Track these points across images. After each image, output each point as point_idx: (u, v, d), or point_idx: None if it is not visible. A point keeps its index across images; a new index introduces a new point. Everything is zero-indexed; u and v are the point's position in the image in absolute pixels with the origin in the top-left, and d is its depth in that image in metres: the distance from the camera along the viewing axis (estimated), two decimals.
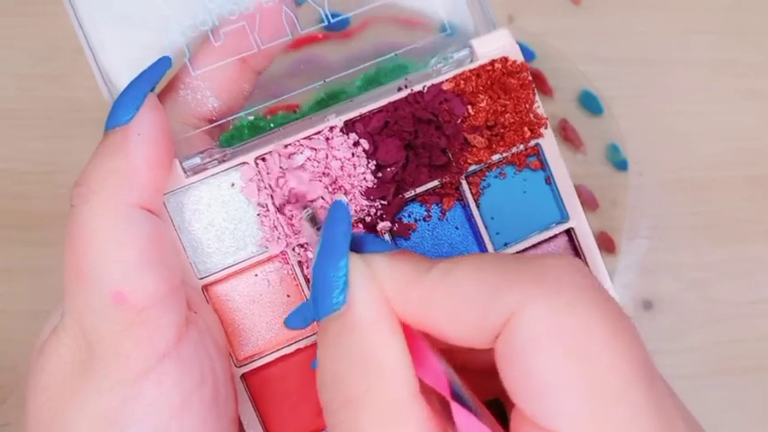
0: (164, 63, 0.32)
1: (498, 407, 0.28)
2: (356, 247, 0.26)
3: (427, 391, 0.24)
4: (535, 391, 0.22)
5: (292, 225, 0.32)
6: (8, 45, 0.50)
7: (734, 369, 0.52)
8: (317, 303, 0.25)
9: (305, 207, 0.32)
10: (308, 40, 0.37)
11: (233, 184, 0.32)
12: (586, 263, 0.35)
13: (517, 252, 0.34)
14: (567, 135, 0.51)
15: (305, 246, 0.33)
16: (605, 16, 0.53)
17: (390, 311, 0.24)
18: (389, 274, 0.24)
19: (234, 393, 0.31)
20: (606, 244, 0.52)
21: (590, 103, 0.50)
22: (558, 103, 0.52)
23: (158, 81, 0.32)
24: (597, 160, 0.52)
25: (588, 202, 0.52)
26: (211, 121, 0.34)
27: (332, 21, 0.34)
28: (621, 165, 0.50)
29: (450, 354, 0.25)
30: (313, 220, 0.30)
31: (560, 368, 0.22)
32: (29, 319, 0.48)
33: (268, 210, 0.32)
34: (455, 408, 0.23)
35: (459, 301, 0.23)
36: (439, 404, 0.24)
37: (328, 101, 0.35)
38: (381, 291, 0.24)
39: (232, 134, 0.35)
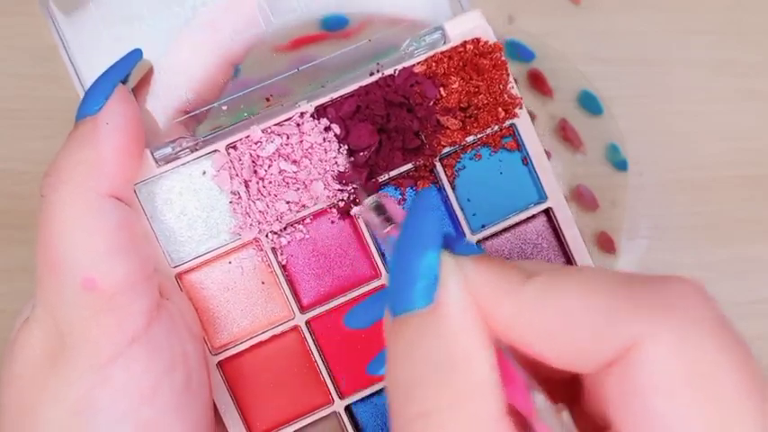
0: (134, 55, 0.32)
1: None
2: (445, 245, 0.23)
3: (510, 410, 0.22)
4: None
5: (265, 211, 0.32)
6: (8, 45, 0.51)
7: None
8: (396, 296, 0.22)
9: (368, 194, 0.29)
10: (306, 41, 0.37)
11: (204, 173, 0.32)
12: (566, 242, 0.34)
13: (493, 234, 0.34)
14: (566, 135, 0.50)
15: (278, 233, 0.33)
16: (605, 16, 0.53)
17: (482, 319, 0.22)
18: (482, 279, 0.22)
19: (208, 380, 0.31)
20: (606, 244, 0.51)
21: (590, 104, 0.50)
22: (557, 103, 0.51)
23: (129, 72, 0.32)
24: (597, 160, 0.52)
25: (588, 202, 0.51)
26: (186, 113, 0.34)
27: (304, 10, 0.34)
28: (621, 165, 0.50)
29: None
30: (379, 208, 0.27)
31: (685, 413, 0.20)
32: None
33: (240, 197, 0.32)
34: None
35: (564, 322, 0.21)
36: (521, 427, 0.22)
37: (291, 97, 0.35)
38: (473, 296, 0.22)
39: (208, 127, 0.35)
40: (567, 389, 0.25)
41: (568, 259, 0.34)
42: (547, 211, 0.34)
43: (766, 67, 0.54)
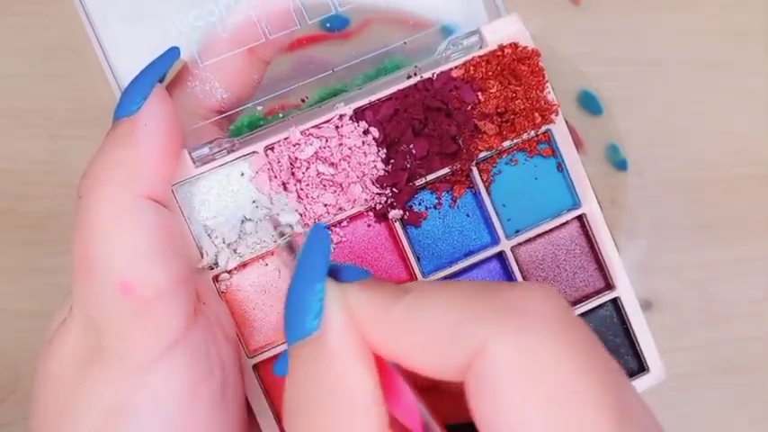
0: (172, 53, 0.32)
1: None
2: (332, 274, 0.25)
3: (398, 426, 0.23)
4: None
5: (304, 213, 0.32)
6: (8, 45, 0.50)
7: (734, 369, 0.52)
8: (289, 327, 0.24)
9: (282, 234, 0.31)
10: (307, 41, 0.36)
11: (242, 174, 0.32)
12: (599, 249, 0.34)
13: (528, 239, 0.34)
14: None
15: None
16: (605, 16, 0.53)
17: (363, 342, 0.23)
18: (361, 303, 0.24)
19: (242, 384, 0.31)
20: None
21: (590, 104, 0.50)
22: None
23: (167, 71, 0.32)
24: (597, 160, 0.52)
25: None
26: (220, 112, 0.34)
27: (339, 9, 0.34)
28: (621, 165, 0.50)
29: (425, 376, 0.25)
30: (291, 247, 0.29)
31: (526, 411, 0.21)
32: (29, 318, 0.48)
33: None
34: None
35: (427, 333, 0.23)
36: None
37: (328, 100, 0.35)
38: (354, 320, 0.24)
39: (239, 126, 0.35)
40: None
41: (600, 265, 0.35)
42: (580, 218, 0.35)
43: (766, 68, 0.55)
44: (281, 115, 0.34)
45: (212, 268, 0.32)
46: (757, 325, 0.53)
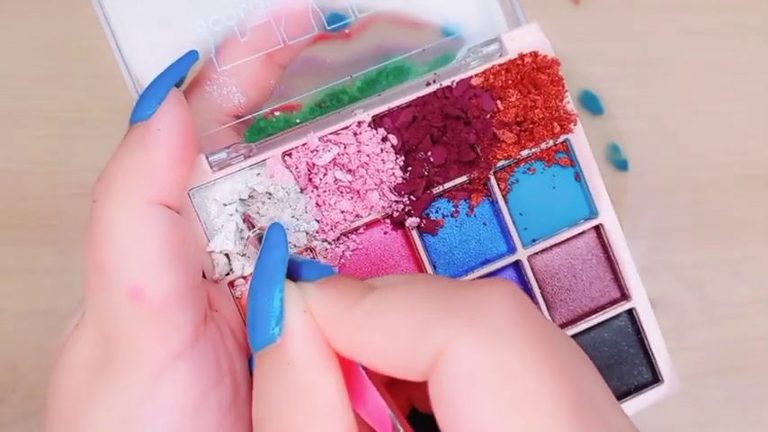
0: (190, 57, 0.31)
1: None
2: (293, 273, 0.24)
3: (366, 428, 0.23)
4: None
5: (321, 220, 0.32)
6: (8, 45, 0.50)
7: (734, 369, 0.52)
8: (252, 335, 0.24)
9: (252, 227, 0.31)
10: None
11: (258, 174, 0.32)
12: (615, 260, 0.34)
13: (544, 249, 0.34)
14: None
15: (332, 242, 0.32)
16: (605, 16, 0.53)
17: (326, 344, 0.23)
18: (322, 303, 0.23)
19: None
20: None
21: (590, 104, 0.50)
22: None
23: (184, 75, 0.31)
24: (597, 160, 0.52)
25: None
26: (237, 117, 0.33)
27: (358, 15, 0.34)
28: (621, 165, 0.50)
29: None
30: (261, 239, 0.28)
31: (485, 414, 0.20)
32: (29, 318, 0.48)
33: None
34: None
35: (388, 334, 0.22)
36: None
37: (328, 102, 0.35)
38: (316, 322, 0.23)
39: (254, 131, 0.35)
40: None
41: (616, 276, 0.35)
42: (597, 228, 0.34)
43: (766, 68, 0.55)
44: (297, 120, 0.34)
45: (228, 274, 0.32)
46: (757, 325, 0.53)
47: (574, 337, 0.34)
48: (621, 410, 0.23)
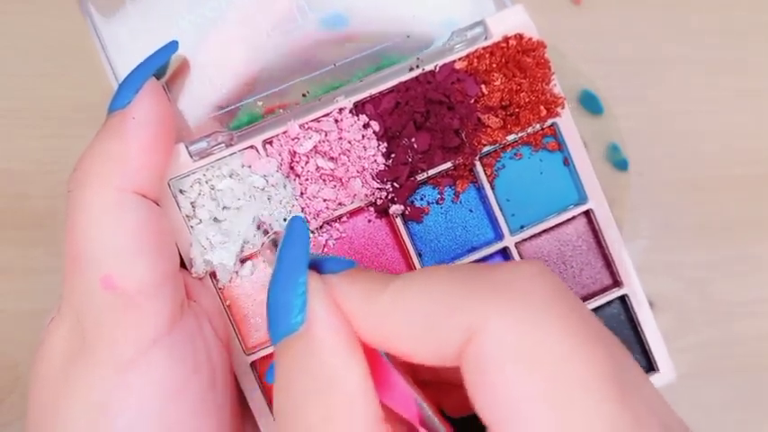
0: (170, 48, 0.31)
1: (478, 424, 0.27)
2: (314, 268, 0.24)
3: (394, 418, 0.23)
4: (503, 415, 0.20)
5: (303, 208, 0.32)
6: (8, 44, 0.50)
7: (734, 369, 0.51)
8: (273, 324, 0.23)
9: (266, 232, 0.31)
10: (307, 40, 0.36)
11: (242, 165, 0.32)
12: (606, 246, 0.33)
13: (532, 235, 0.33)
14: None
15: (314, 231, 0.32)
16: (605, 16, 0.53)
17: (351, 333, 0.23)
18: (346, 294, 0.23)
19: (233, 384, 0.31)
20: None
21: (590, 103, 0.50)
22: None
23: (164, 65, 0.31)
24: (597, 160, 0.52)
25: None
26: (221, 108, 0.33)
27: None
28: (621, 165, 0.50)
29: (428, 369, 0.24)
30: (275, 244, 0.28)
31: (526, 388, 0.20)
32: (28, 318, 0.48)
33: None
34: None
35: (415, 320, 0.22)
36: (407, 431, 0.23)
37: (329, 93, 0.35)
38: (341, 311, 0.23)
39: (239, 123, 0.35)
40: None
41: (608, 262, 0.34)
42: (587, 213, 0.34)
43: (767, 68, 0.54)
44: (281, 111, 0.34)
45: (209, 264, 0.31)
46: (757, 325, 0.52)
47: None
48: (652, 384, 0.23)
